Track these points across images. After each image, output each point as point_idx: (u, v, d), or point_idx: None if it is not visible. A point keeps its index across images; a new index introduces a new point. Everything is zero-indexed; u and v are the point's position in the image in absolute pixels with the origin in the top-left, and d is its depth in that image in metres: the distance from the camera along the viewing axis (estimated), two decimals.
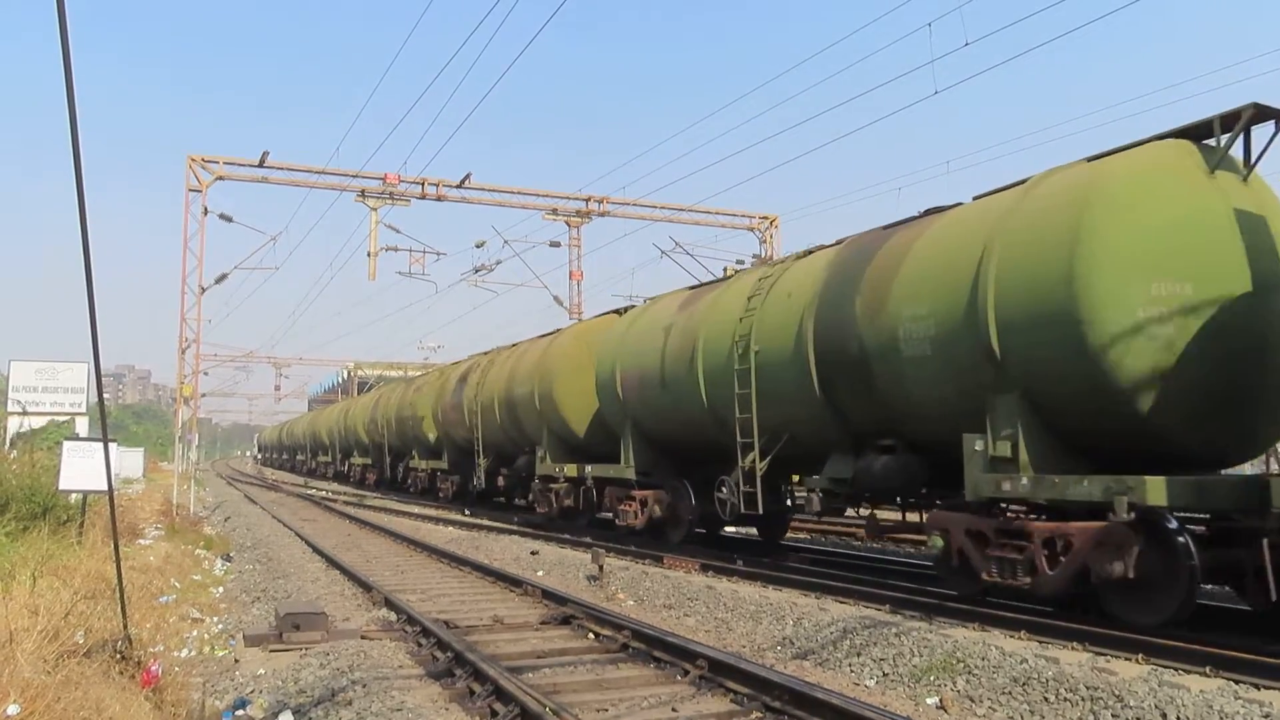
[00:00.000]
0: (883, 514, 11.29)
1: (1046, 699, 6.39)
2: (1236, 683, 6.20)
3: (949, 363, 8.93)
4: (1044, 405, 8.26)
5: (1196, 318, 7.75)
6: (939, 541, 9.17)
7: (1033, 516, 8.57)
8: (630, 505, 15.50)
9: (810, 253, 12.23)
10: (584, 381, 17.36)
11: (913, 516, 10.87)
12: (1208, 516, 7.86)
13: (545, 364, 18.82)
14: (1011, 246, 8.36)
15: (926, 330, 9.14)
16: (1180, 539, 7.45)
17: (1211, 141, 8.26)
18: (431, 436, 28.52)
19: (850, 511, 12.12)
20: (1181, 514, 7.65)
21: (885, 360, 9.66)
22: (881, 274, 9.90)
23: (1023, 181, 9.10)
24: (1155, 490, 7.20)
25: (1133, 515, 7.31)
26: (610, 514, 16.32)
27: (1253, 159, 8.21)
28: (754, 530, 16.40)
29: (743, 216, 31.36)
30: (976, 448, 8.61)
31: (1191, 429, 7.84)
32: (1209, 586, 8.33)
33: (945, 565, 9.30)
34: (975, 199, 9.77)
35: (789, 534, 16.50)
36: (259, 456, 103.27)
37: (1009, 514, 8.81)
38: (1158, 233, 7.80)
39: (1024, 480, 8.16)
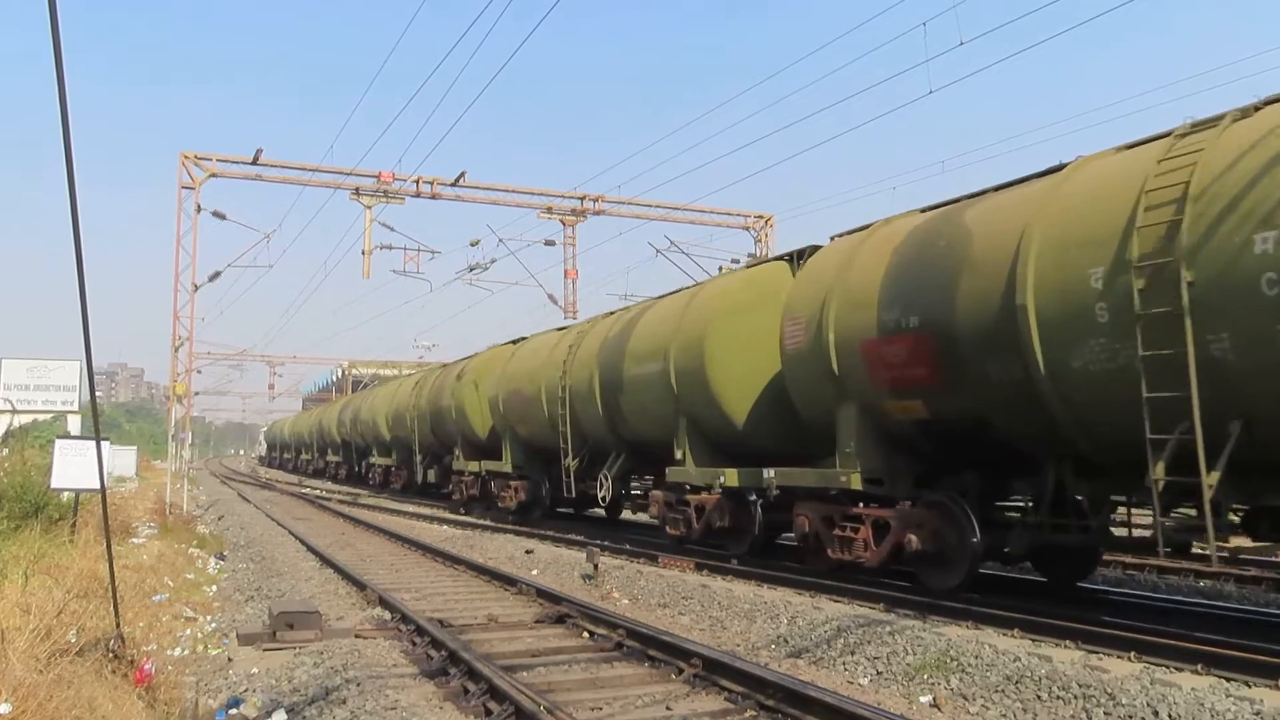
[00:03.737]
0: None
1: (1039, 697, 6.40)
2: (1228, 680, 6.23)
3: (658, 397, 14.00)
4: (698, 424, 13.33)
5: (771, 374, 12.21)
6: (653, 509, 14.70)
7: (698, 492, 13.47)
8: (508, 491, 20.88)
9: (612, 313, 17.23)
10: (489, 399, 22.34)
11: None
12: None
13: (460, 384, 23.70)
14: (681, 329, 13.46)
15: (649, 379, 14.24)
16: (752, 507, 12.53)
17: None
18: (387, 437, 33.56)
19: None
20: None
21: (631, 395, 14.94)
22: (626, 338, 15.26)
23: (700, 283, 14.99)
24: (730, 477, 12.39)
25: (720, 490, 12.68)
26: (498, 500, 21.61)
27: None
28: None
29: (738, 215, 31.32)
30: (675, 452, 13.59)
31: (775, 441, 12.37)
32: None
33: (659, 523, 14.63)
34: (707, 282, 15.05)
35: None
36: (262, 456, 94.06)
37: (687, 491, 13.72)
38: (751, 324, 12.57)
39: (686, 469, 13.41)
